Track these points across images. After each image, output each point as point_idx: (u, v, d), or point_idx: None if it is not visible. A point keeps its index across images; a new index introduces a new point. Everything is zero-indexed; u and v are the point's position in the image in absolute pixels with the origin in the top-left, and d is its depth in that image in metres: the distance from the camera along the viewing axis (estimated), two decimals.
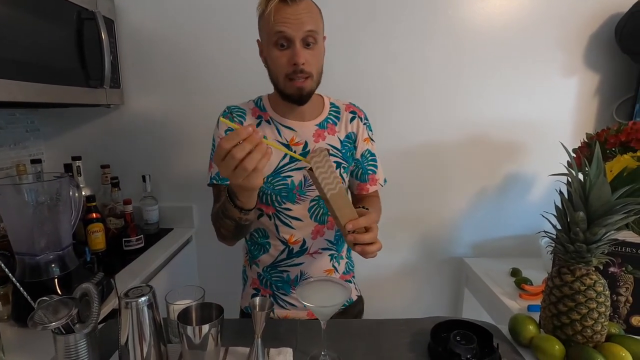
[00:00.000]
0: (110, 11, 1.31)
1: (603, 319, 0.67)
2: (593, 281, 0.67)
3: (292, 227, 0.87)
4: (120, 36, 1.38)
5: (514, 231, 1.54)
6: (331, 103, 0.91)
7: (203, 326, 0.59)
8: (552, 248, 0.74)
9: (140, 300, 0.61)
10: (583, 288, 0.67)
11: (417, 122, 1.47)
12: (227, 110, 0.87)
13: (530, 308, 1.08)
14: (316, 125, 0.86)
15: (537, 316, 0.75)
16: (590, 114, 1.46)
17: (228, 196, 0.70)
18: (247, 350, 0.67)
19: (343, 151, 0.88)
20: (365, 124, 0.93)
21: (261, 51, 0.83)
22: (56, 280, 0.83)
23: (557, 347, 0.66)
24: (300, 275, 0.90)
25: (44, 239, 0.81)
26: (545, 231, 0.75)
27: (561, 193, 0.70)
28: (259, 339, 0.65)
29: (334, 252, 0.92)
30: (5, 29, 0.89)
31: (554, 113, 1.45)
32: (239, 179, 0.59)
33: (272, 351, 0.69)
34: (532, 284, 1.20)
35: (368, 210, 0.77)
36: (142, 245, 1.30)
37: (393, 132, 1.46)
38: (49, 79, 1.02)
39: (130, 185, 1.47)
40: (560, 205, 0.70)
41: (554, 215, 0.72)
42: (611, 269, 0.82)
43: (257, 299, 0.66)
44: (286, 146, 0.84)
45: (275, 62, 0.77)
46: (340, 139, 0.88)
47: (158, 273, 1.24)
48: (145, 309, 0.62)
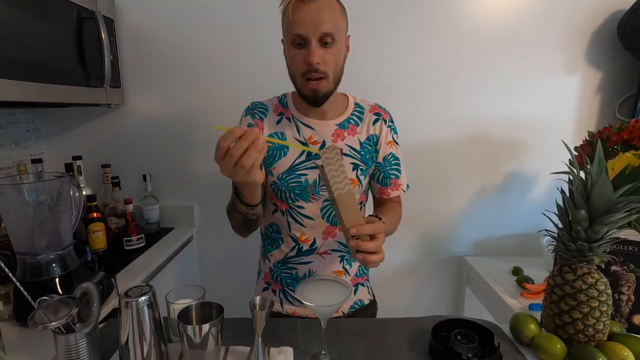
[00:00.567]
0: (110, 10, 1.31)
1: (605, 318, 0.66)
2: (595, 280, 0.67)
3: (304, 225, 0.87)
4: (120, 36, 1.38)
5: (515, 230, 1.54)
6: (356, 103, 0.90)
7: (203, 325, 0.59)
8: (554, 247, 0.73)
9: (140, 299, 0.61)
10: (585, 287, 0.66)
11: (417, 121, 1.46)
12: (251, 106, 0.88)
13: (531, 307, 1.07)
14: (336, 125, 0.86)
15: (539, 315, 0.75)
16: (592, 112, 1.45)
17: (234, 192, 0.72)
18: (248, 349, 0.67)
19: (362, 153, 0.87)
20: (389, 127, 0.91)
21: (284, 50, 0.82)
22: (57, 279, 0.83)
23: (559, 346, 0.66)
24: (308, 273, 0.90)
25: (45, 239, 0.81)
26: (546, 230, 0.74)
27: (562, 191, 0.70)
28: (260, 338, 0.65)
29: (345, 255, 0.92)
30: (5, 29, 0.89)
31: (556, 111, 1.44)
32: (239, 176, 0.60)
33: (273, 350, 0.69)
34: (534, 283, 1.20)
35: (379, 219, 0.76)
36: (143, 244, 1.30)
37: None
38: (49, 79, 1.02)
39: (131, 184, 1.47)
40: (561, 203, 0.70)
41: (556, 213, 0.71)
42: (613, 268, 0.81)
43: (257, 298, 0.66)
44: (304, 144, 0.84)
45: (292, 61, 0.78)
46: (360, 141, 0.87)
47: (159, 272, 1.24)
48: (145, 309, 0.62)
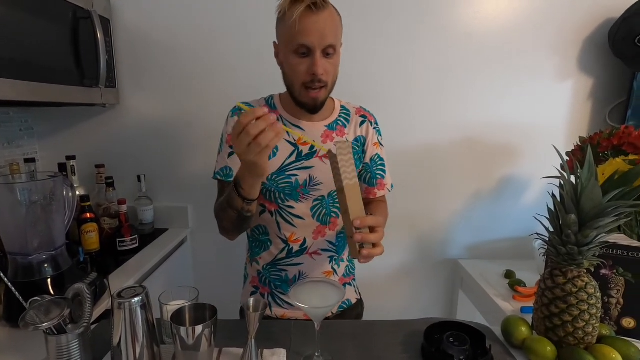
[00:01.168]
0: (106, 10, 1.30)
1: (594, 321, 0.67)
2: (584, 283, 0.68)
3: (294, 226, 0.87)
4: (116, 35, 1.38)
5: (508, 233, 1.56)
6: (342, 106, 0.92)
7: (196, 327, 0.59)
8: (545, 250, 0.74)
9: (133, 300, 0.61)
10: (575, 290, 0.67)
11: (411, 125, 1.47)
12: (237, 106, 0.88)
13: (523, 310, 1.08)
14: (325, 126, 0.87)
15: (530, 318, 0.76)
16: (583, 118, 1.47)
17: (234, 186, 0.72)
18: (241, 351, 0.67)
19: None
20: (375, 129, 0.94)
21: (277, 53, 0.82)
22: (49, 280, 0.82)
23: (549, 349, 0.66)
24: (299, 275, 0.90)
25: (37, 239, 0.81)
26: (538, 233, 0.76)
27: (554, 196, 0.71)
28: (253, 340, 0.65)
29: (334, 255, 0.92)
30: (0, 28, 0.89)
31: (548, 116, 1.46)
32: (251, 155, 0.62)
33: (266, 352, 0.69)
34: (526, 286, 1.21)
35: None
36: (137, 245, 1.29)
37: (386, 135, 1.42)
38: (44, 78, 1.02)
39: (125, 185, 1.47)
40: (552, 207, 0.71)
41: (547, 217, 0.72)
42: (602, 271, 0.83)
43: (251, 300, 0.66)
44: (293, 145, 0.85)
45: (293, 69, 0.77)
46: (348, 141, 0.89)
47: (152, 273, 1.23)
48: (138, 310, 0.62)
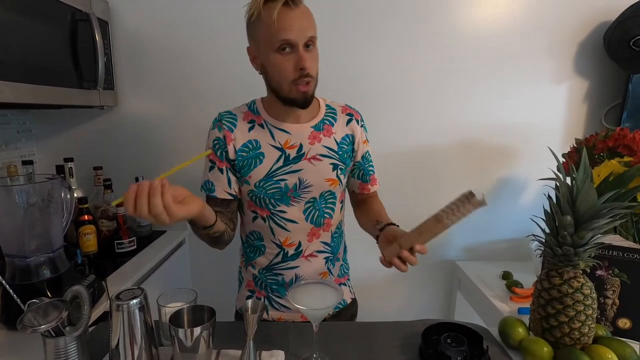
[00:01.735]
0: (104, 13, 1.30)
1: (590, 322, 0.68)
2: (580, 284, 0.68)
3: (287, 230, 0.86)
4: (114, 38, 1.38)
5: (506, 235, 1.56)
6: (327, 105, 0.91)
7: (195, 329, 0.59)
8: (541, 251, 0.75)
9: (131, 302, 0.61)
10: (571, 291, 0.68)
11: (408, 127, 1.48)
12: (218, 117, 0.86)
13: (520, 311, 1.09)
14: (312, 127, 0.86)
15: (527, 319, 0.76)
16: (579, 120, 1.48)
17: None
18: (239, 352, 0.67)
19: (340, 153, 0.88)
20: (362, 126, 0.93)
21: (254, 57, 0.81)
22: (46, 282, 0.82)
23: (546, 349, 0.67)
24: (295, 278, 0.90)
25: (35, 241, 0.81)
26: (534, 235, 0.76)
27: (549, 197, 0.72)
28: (251, 342, 0.65)
29: (330, 255, 0.92)
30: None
31: (544, 119, 1.47)
32: (166, 222, 0.62)
33: (264, 354, 0.70)
34: (523, 287, 1.22)
35: (395, 225, 0.83)
36: (135, 247, 1.29)
37: (383, 137, 1.47)
38: (42, 80, 1.02)
39: (122, 187, 1.45)
40: (549, 209, 0.72)
41: (543, 219, 0.73)
42: (598, 272, 0.83)
43: (250, 302, 0.66)
44: (280, 149, 0.83)
45: (279, 68, 0.76)
46: (336, 141, 0.88)
47: (150, 276, 1.23)
48: (136, 312, 0.62)
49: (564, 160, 1.18)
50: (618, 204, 0.63)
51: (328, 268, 0.92)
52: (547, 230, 0.72)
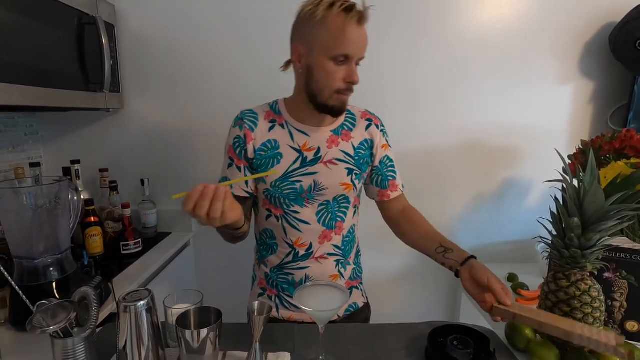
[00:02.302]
0: (110, 16, 1.32)
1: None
2: (588, 286, 0.68)
3: (300, 230, 0.87)
4: (120, 41, 1.39)
5: (510, 236, 1.56)
6: (347, 110, 0.91)
7: (201, 330, 0.60)
8: (548, 253, 0.75)
9: (139, 304, 0.61)
10: (578, 293, 0.68)
11: (413, 128, 1.48)
12: (240, 115, 0.87)
13: None
14: (331, 131, 0.87)
15: None
16: (585, 121, 1.48)
17: None
18: (245, 354, 0.68)
19: (356, 158, 0.89)
20: (382, 131, 0.94)
21: (299, 57, 0.80)
22: (54, 284, 0.82)
23: (553, 352, 0.66)
24: (305, 278, 0.90)
25: (43, 243, 0.81)
26: (540, 237, 0.76)
27: (556, 199, 0.72)
28: (257, 343, 0.65)
29: (341, 258, 0.92)
30: (5, 33, 0.90)
31: (550, 120, 1.47)
32: (216, 224, 0.65)
33: (270, 355, 0.70)
34: (529, 289, 1.21)
35: (474, 257, 0.82)
36: (140, 249, 1.29)
37: (389, 137, 1.46)
38: (49, 83, 1.03)
39: (128, 189, 1.47)
40: (555, 211, 0.71)
41: (550, 221, 0.73)
42: (606, 275, 0.83)
43: (256, 303, 0.66)
44: (298, 151, 0.85)
45: (329, 75, 0.77)
46: (354, 146, 0.89)
47: (156, 277, 1.23)
48: (143, 313, 0.62)
49: (570, 162, 1.17)
50: (626, 206, 0.63)
51: (339, 271, 0.92)
52: (554, 232, 0.71)
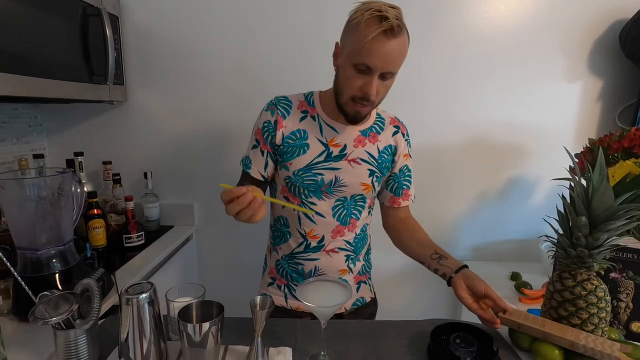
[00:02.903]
0: (115, 7, 1.31)
1: (603, 325, 0.67)
2: (594, 286, 0.67)
3: (314, 222, 0.88)
4: (124, 33, 1.38)
5: (515, 235, 1.54)
6: (377, 114, 0.93)
7: (203, 324, 0.59)
8: (554, 252, 0.74)
9: (141, 297, 0.61)
10: (584, 293, 0.67)
11: (419, 124, 1.46)
12: (274, 101, 0.88)
13: (529, 312, 1.07)
14: (360, 131, 0.88)
15: None
16: (593, 119, 1.46)
17: None
18: (247, 349, 0.67)
19: (379, 161, 0.89)
20: (406, 140, 0.95)
21: (336, 55, 0.81)
22: (57, 275, 0.82)
23: (557, 352, 0.66)
24: (314, 270, 0.91)
25: (46, 234, 0.81)
26: (547, 235, 0.75)
27: (564, 198, 0.70)
28: (259, 338, 0.65)
29: (351, 254, 0.93)
30: (10, 24, 0.89)
31: (557, 118, 1.45)
32: (241, 221, 0.66)
33: (272, 350, 0.70)
34: (532, 288, 1.20)
35: (465, 266, 0.82)
36: (143, 242, 1.30)
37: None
38: (53, 75, 1.02)
39: (131, 181, 1.47)
40: (562, 209, 0.70)
41: (556, 219, 0.72)
42: (612, 275, 0.82)
43: (258, 298, 0.66)
44: (324, 145, 0.85)
45: (347, 80, 0.77)
46: (379, 149, 0.90)
47: (158, 270, 1.24)
48: (146, 306, 0.62)
49: (577, 160, 1.16)
50: (635, 205, 0.62)
51: (348, 266, 0.93)
52: (561, 231, 0.70)
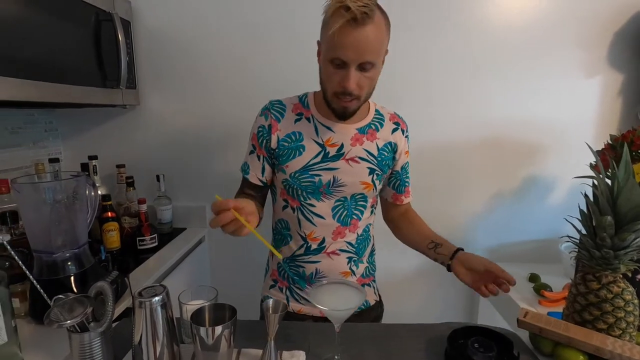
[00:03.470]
0: (127, 12, 1.32)
1: (631, 329, 0.64)
2: (621, 289, 0.64)
3: (314, 224, 0.87)
4: (136, 37, 1.40)
5: (532, 235, 1.50)
6: (376, 110, 0.91)
7: (216, 327, 0.59)
8: (576, 253, 0.71)
9: (154, 300, 0.61)
10: (610, 296, 0.64)
11: (431, 121, 1.44)
12: (268, 105, 0.88)
13: (550, 315, 1.04)
14: (357, 129, 0.86)
15: None
16: (613, 115, 1.41)
17: None
18: (260, 352, 0.67)
19: (379, 159, 0.88)
20: (406, 137, 0.93)
21: (319, 53, 0.80)
22: (72, 278, 0.83)
23: (582, 357, 0.63)
24: (315, 272, 0.90)
25: (61, 237, 0.82)
26: (568, 236, 0.72)
27: (587, 196, 0.68)
28: (272, 342, 0.64)
29: (354, 256, 0.91)
30: (23, 30, 0.91)
31: (576, 114, 1.40)
32: (227, 233, 0.66)
33: (285, 354, 0.69)
34: (552, 290, 1.16)
35: (461, 249, 0.85)
36: (156, 244, 1.30)
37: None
38: (66, 80, 1.04)
39: (144, 184, 1.49)
40: (585, 208, 0.68)
41: (578, 219, 0.69)
42: (639, 277, 0.78)
43: (271, 301, 0.65)
44: (321, 145, 0.84)
45: (327, 77, 0.76)
46: (378, 146, 0.88)
47: (171, 272, 1.24)
48: (158, 309, 0.62)
49: (599, 157, 1.11)
50: None
51: (350, 268, 0.91)
52: (584, 231, 0.68)
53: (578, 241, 0.69)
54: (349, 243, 0.90)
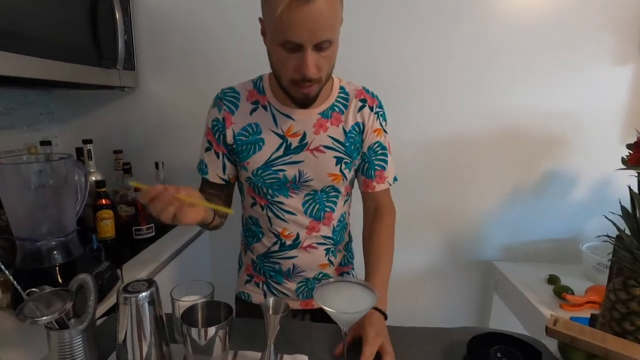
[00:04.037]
0: None
1: None
2: None
3: (285, 221, 0.80)
4: (136, 16, 1.32)
5: (550, 234, 1.42)
6: (341, 87, 0.80)
7: (209, 328, 0.53)
8: (612, 255, 0.63)
9: (140, 295, 0.55)
10: None
11: (443, 114, 1.36)
12: (220, 94, 0.80)
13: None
14: (319, 114, 0.77)
15: None
16: None
17: None
18: (259, 355, 0.60)
19: (347, 144, 0.78)
20: (377, 113, 0.81)
21: (263, 32, 0.69)
22: (58, 268, 0.77)
23: None
24: (293, 268, 0.84)
25: (46, 224, 0.76)
26: (607, 235, 0.64)
27: (631, 190, 0.60)
28: (272, 345, 0.58)
29: (331, 247, 0.85)
30: (17, 3, 0.84)
31: (603, 105, 1.31)
32: (167, 222, 0.59)
33: (286, 358, 0.62)
34: (574, 293, 1.09)
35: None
36: (153, 234, 1.24)
37: (414, 123, 1.36)
38: (59, 56, 0.97)
39: (142, 171, 1.42)
40: (629, 205, 0.60)
41: (621, 216, 0.61)
42: None
43: (271, 300, 0.58)
44: (281, 137, 0.75)
45: (280, 63, 0.66)
46: (345, 130, 0.78)
47: (168, 264, 1.18)
48: (146, 305, 0.56)
49: (630, 151, 1.03)
50: None
51: (329, 259, 0.86)
52: (627, 231, 0.60)
53: (614, 241, 0.62)
54: (325, 236, 0.84)
